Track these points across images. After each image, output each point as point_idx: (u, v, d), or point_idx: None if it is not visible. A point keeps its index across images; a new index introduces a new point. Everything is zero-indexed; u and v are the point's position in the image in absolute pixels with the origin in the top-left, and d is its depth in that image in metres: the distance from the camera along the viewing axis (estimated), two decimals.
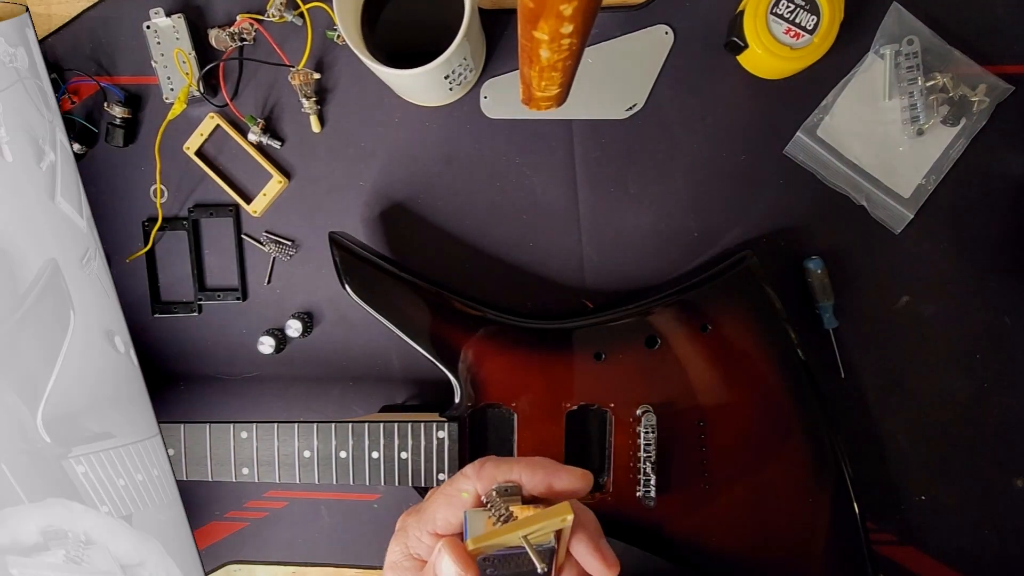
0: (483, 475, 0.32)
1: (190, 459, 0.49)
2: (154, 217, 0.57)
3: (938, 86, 0.51)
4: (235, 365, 0.58)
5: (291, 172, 0.57)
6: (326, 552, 0.59)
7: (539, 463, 0.31)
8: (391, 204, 0.57)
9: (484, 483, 0.31)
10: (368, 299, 0.50)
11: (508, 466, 0.31)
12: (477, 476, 0.32)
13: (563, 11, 0.28)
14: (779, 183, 0.54)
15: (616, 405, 0.50)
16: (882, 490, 0.54)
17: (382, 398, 0.58)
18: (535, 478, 0.31)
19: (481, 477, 0.31)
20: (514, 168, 0.55)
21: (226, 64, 0.56)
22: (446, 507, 0.32)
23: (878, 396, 0.54)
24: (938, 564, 0.54)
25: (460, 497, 0.32)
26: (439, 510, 0.32)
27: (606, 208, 0.55)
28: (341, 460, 0.48)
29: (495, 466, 0.32)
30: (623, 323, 0.50)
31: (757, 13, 0.48)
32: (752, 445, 0.50)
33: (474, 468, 0.32)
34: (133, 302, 0.58)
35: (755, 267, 0.50)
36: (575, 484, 0.31)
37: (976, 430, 0.54)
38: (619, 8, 0.54)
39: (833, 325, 0.53)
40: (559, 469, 0.31)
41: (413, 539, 0.33)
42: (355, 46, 0.47)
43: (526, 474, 0.31)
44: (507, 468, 0.31)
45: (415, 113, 0.56)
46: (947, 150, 0.52)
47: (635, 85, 0.54)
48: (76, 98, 0.57)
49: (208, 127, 0.56)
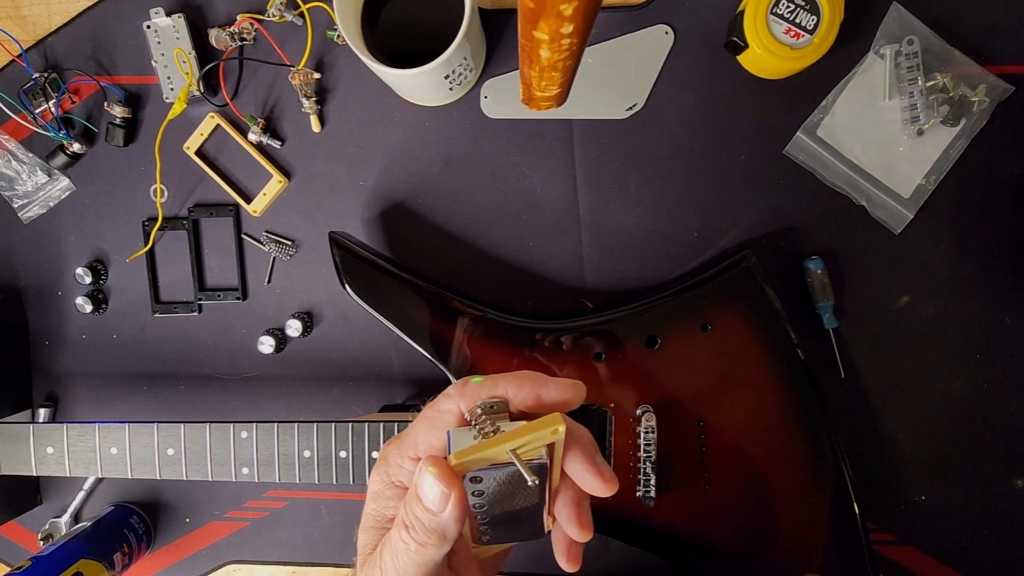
0: (466, 393, 0.29)
1: (190, 459, 0.49)
2: (154, 217, 0.57)
3: (938, 86, 0.51)
4: (235, 365, 0.58)
5: (291, 172, 0.57)
6: (326, 552, 0.59)
7: (526, 375, 0.29)
8: (391, 204, 0.57)
9: (467, 401, 0.29)
10: (368, 299, 0.50)
11: (493, 382, 0.29)
12: (460, 395, 0.29)
13: (563, 11, 0.28)
14: (779, 183, 0.54)
15: (616, 405, 0.50)
16: (882, 490, 0.54)
17: (382, 398, 0.58)
18: (522, 391, 0.29)
19: (464, 395, 0.29)
20: (514, 168, 0.55)
21: (226, 64, 0.56)
22: (427, 429, 0.30)
23: (878, 396, 0.54)
24: (938, 564, 0.54)
25: (443, 418, 0.29)
26: (420, 432, 0.30)
27: (606, 208, 0.55)
28: (341, 460, 0.48)
29: (479, 383, 0.29)
30: (623, 323, 0.50)
31: (757, 13, 0.48)
32: (752, 445, 0.50)
33: (456, 387, 0.30)
34: (133, 302, 0.59)
35: (755, 267, 0.50)
36: (565, 394, 0.29)
37: (976, 430, 0.54)
38: (619, 8, 0.54)
39: (833, 325, 0.53)
40: (547, 380, 0.29)
41: (394, 466, 0.31)
42: (355, 46, 0.47)
43: (512, 388, 0.29)
44: (492, 384, 0.29)
45: (415, 113, 0.56)
46: (947, 150, 0.52)
47: (635, 85, 0.54)
48: (76, 98, 0.58)
49: (208, 127, 0.56)
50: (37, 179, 0.57)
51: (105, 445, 0.49)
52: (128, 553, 0.56)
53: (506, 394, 0.29)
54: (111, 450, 0.49)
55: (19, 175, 0.57)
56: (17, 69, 0.56)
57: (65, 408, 0.60)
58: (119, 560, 0.55)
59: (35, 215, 0.58)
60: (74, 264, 0.58)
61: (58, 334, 0.59)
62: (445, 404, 0.30)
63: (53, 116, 0.56)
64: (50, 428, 0.50)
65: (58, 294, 0.59)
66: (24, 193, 0.58)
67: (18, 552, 0.61)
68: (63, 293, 0.59)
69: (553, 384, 0.29)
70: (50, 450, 0.50)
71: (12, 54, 0.56)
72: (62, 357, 0.60)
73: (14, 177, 0.57)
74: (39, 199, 0.58)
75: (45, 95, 0.56)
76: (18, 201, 0.58)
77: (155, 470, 0.49)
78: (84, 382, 0.60)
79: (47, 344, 0.60)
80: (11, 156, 0.57)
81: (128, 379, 0.59)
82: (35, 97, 0.56)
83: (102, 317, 0.59)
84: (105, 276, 0.59)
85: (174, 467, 0.49)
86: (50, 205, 0.58)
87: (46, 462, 0.50)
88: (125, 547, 0.56)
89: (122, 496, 0.60)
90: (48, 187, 0.58)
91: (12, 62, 0.57)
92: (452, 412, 0.29)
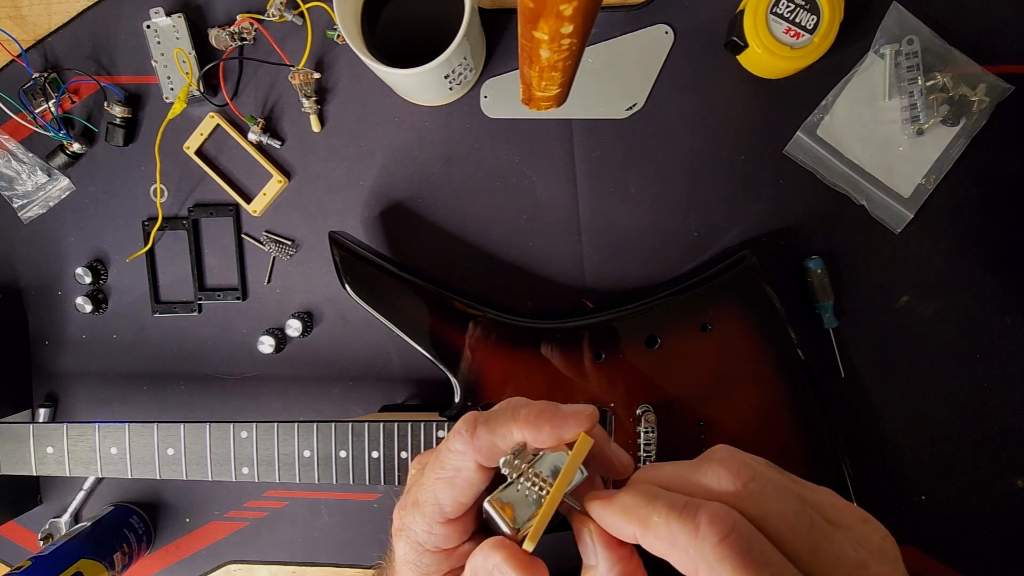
0: (480, 446, 0.27)
1: (190, 459, 0.49)
2: (154, 217, 0.57)
3: (938, 86, 0.51)
4: (235, 365, 0.58)
5: (291, 172, 0.57)
6: (326, 552, 0.59)
7: (539, 414, 0.26)
8: (391, 204, 0.57)
9: (484, 455, 0.27)
10: (368, 299, 0.50)
11: (505, 428, 0.26)
12: (474, 448, 0.27)
13: (563, 11, 0.28)
14: (779, 183, 0.54)
15: (616, 405, 0.50)
16: (882, 490, 0.54)
17: (382, 398, 0.58)
18: (541, 435, 0.26)
19: (479, 448, 0.27)
20: (514, 168, 0.55)
21: (226, 64, 0.56)
22: (448, 489, 0.27)
23: (878, 396, 0.54)
24: (938, 564, 0.54)
25: (462, 476, 0.27)
26: (442, 495, 0.28)
27: (606, 208, 0.55)
28: (341, 460, 0.48)
29: (489, 431, 0.27)
30: (623, 323, 0.50)
31: (757, 13, 0.48)
32: (752, 445, 0.50)
33: (464, 440, 0.27)
34: (133, 302, 0.59)
35: (755, 267, 0.50)
36: (585, 425, 0.26)
37: (976, 430, 0.54)
38: (619, 8, 0.54)
39: (833, 325, 0.53)
40: (563, 417, 0.26)
41: (422, 535, 0.29)
42: (355, 46, 0.47)
43: (529, 433, 0.26)
44: (504, 431, 0.26)
45: (415, 113, 0.56)
46: (947, 150, 0.52)
47: (635, 85, 0.54)
48: (76, 98, 0.58)
49: (208, 127, 0.56)
50: (37, 179, 0.57)
51: (105, 445, 0.49)
52: (128, 553, 0.56)
53: (523, 439, 0.26)
54: (111, 450, 0.49)
55: (19, 175, 0.57)
56: (17, 69, 0.56)
57: (65, 408, 0.60)
58: (119, 560, 0.55)
59: (35, 215, 0.58)
60: (74, 264, 0.58)
61: (58, 334, 0.59)
62: (458, 461, 0.27)
63: (53, 116, 0.56)
64: (50, 428, 0.50)
65: (58, 294, 0.59)
66: (24, 193, 0.58)
67: (18, 552, 0.61)
68: (63, 293, 0.59)
69: (572, 421, 0.26)
70: (50, 450, 0.50)
71: (12, 54, 0.56)
72: (62, 357, 0.60)
73: (14, 177, 0.57)
74: (39, 199, 0.58)
75: (45, 95, 0.56)
76: (18, 201, 0.58)
77: (155, 470, 0.49)
78: (84, 382, 0.60)
79: (47, 344, 0.60)
80: (11, 156, 0.57)
81: (128, 379, 0.59)
82: (35, 97, 0.56)
83: (102, 317, 0.59)
84: (105, 276, 0.59)
85: (174, 467, 0.49)
86: (50, 205, 0.58)
87: (46, 462, 0.50)
88: (125, 547, 0.56)
89: (122, 496, 0.60)
90: (48, 187, 0.58)
91: (12, 62, 0.57)
92: (470, 468, 0.27)
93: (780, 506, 0.22)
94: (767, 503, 0.22)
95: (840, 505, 0.23)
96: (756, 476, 0.22)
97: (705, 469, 0.23)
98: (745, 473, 0.22)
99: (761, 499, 0.22)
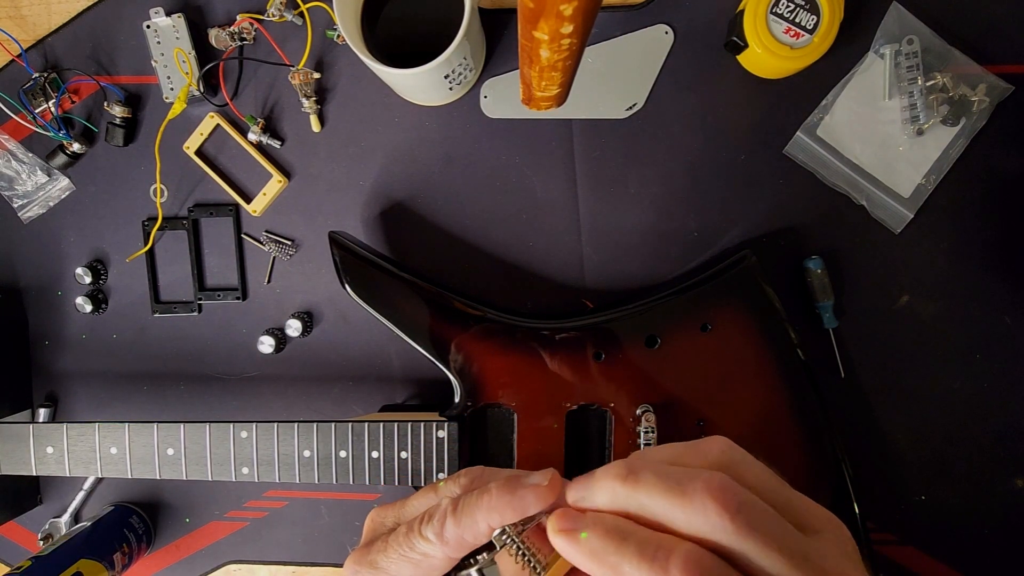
0: (448, 541, 0.27)
1: (190, 459, 0.49)
2: (154, 217, 0.57)
3: (938, 86, 0.51)
4: (235, 365, 0.58)
5: (291, 172, 0.57)
6: (326, 552, 0.59)
7: (497, 499, 0.26)
8: (391, 204, 0.57)
9: (453, 549, 0.27)
10: (368, 299, 0.50)
11: (471, 519, 0.27)
12: (442, 543, 0.27)
13: (563, 11, 0.28)
14: (779, 183, 0.54)
15: (616, 405, 0.50)
16: (882, 490, 0.54)
17: (382, 398, 0.58)
18: (505, 518, 0.26)
19: (446, 542, 0.27)
20: (514, 168, 0.55)
21: (226, 64, 0.56)
22: (413, 570, 0.28)
23: (878, 396, 0.54)
24: (938, 564, 0.54)
25: (428, 563, 0.28)
26: (405, 572, 0.28)
27: (606, 208, 0.55)
28: (341, 460, 0.48)
29: (457, 524, 0.27)
30: (623, 323, 0.50)
31: (757, 13, 0.48)
32: (752, 445, 0.49)
33: (435, 532, 0.28)
34: (133, 302, 0.59)
35: (755, 267, 0.50)
36: (548, 499, 0.26)
37: (976, 430, 0.54)
38: (619, 8, 0.54)
39: (833, 325, 0.53)
40: (523, 497, 0.26)
41: None
42: (355, 46, 0.47)
43: (495, 520, 0.27)
44: (470, 522, 0.27)
45: (415, 113, 0.56)
46: (947, 150, 0.52)
47: (635, 85, 0.54)
48: (76, 98, 0.58)
49: (208, 127, 0.56)
50: (37, 179, 0.57)
51: (105, 445, 0.49)
52: (128, 553, 0.56)
53: (489, 528, 0.27)
54: (111, 450, 0.49)
55: (19, 175, 0.57)
56: (17, 69, 0.56)
57: (65, 408, 0.60)
58: (119, 560, 0.55)
59: (35, 215, 0.58)
60: (74, 264, 0.58)
61: (58, 334, 0.59)
62: (426, 548, 0.28)
63: (53, 116, 0.56)
64: (50, 428, 0.50)
65: (58, 294, 0.59)
66: (24, 193, 0.58)
67: (18, 552, 0.61)
68: (63, 293, 0.59)
69: (532, 497, 0.26)
70: (50, 450, 0.50)
71: (12, 54, 0.56)
72: (62, 357, 0.60)
73: (14, 177, 0.57)
74: (39, 199, 0.58)
75: (45, 95, 0.56)
76: (18, 201, 0.58)
77: (155, 470, 0.49)
78: (84, 382, 0.60)
79: (47, 344, 0.60)
80: (11, 156, 0.57)
81: (128, 379, 0.59)
82: (35, 97, 0.56)
83: (102, 317, 0.59)
84: (105, 276, 0.59)
85: (174, 467, 0.49)
86: (50, 205, 0.58)
87: (46, 462, 0.50)
88: (125, 547, 0.56)
89: (122, 496, 0.60)
90: (48, 187, 0.58)
91: (12, 62, 0.57)
92: (437, 557, 0.28)
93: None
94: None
95: (814, 510, 0.24)
96: (741, 508, 0.22)
97: (691, 495, 0.23)
98: (732, 506, 0.22)
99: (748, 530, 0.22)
